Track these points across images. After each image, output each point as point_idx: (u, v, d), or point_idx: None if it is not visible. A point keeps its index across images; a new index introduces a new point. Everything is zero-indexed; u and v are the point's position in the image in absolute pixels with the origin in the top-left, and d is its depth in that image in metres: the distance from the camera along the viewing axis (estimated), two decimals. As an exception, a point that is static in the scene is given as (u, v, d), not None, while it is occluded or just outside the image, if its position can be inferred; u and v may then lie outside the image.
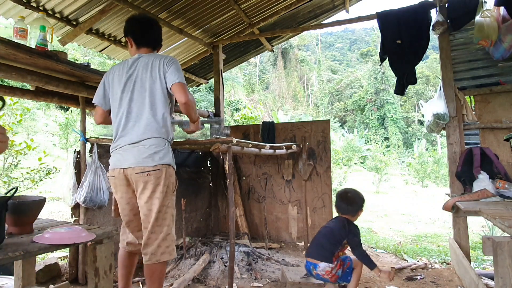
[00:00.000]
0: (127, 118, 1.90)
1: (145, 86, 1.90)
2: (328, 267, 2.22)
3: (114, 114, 1.97)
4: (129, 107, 1.91)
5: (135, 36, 2.02)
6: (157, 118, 1.89)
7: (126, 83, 1.93)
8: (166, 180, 1.87)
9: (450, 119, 3.20)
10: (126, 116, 1.90)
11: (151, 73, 1.90)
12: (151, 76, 1.90)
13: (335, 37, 59.98)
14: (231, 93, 19.30)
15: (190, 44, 4.37)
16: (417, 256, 3.90)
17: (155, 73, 1.90)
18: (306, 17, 4.50)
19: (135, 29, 2.02)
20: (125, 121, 1.90)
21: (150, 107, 1.89)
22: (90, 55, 15.53)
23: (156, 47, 2.07)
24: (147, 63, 1.92)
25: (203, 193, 4.31)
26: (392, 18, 3.36)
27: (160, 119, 1.90)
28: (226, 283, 2.73)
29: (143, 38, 2.01)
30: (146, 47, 2.02)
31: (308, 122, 4.21)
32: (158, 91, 1.90)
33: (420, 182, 11.55)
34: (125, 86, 1.93)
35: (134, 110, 1.90)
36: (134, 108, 1.90)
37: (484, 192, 2.60)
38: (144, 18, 2.10)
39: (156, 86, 1.90)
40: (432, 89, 23.04)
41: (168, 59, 1.93)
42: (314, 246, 2.33)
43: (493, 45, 2.96)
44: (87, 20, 3.13)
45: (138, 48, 2.02)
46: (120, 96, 1.93)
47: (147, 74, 1.90)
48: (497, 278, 1.52)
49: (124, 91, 1.93)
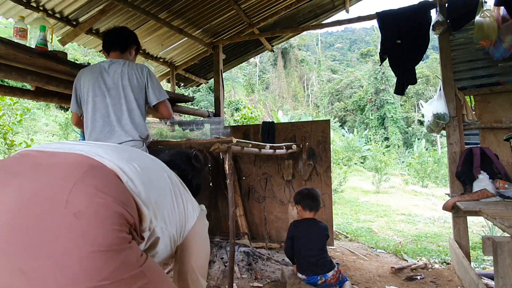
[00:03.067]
0: (105, 122, 1.95)
1: (122, 93, 1.96)
2: (334, 271, 2.31)
3: (88, 117, 2.00)
4: (107, 112, 1.95)
5: (103, 44, 2.15)
6: (135, 123, 1.96)
7: (100, 88, 1.97)
8: None
9: (450, 119, 3.20)
10: (103, 121, 1.95)
11: (129, 81, 1.97)
12: (129, 84, 1.97)
13: (335, 37, 60.00)
14: (231, 93, 19.31)
15: (190, 44, 4.37)
16: (417, 256, 3.90)
17: (132, 82, 1.98)
18: (306, 17, 4.50)
19: (103, 39, 2.16)
20: (102, 126, 1.94)
21: (128, 113, 1.96)
22: (90, 55, 15.53)
23: (123, 50, 2.11)
24: (122, 70, 1.98)
25: (203, 193, 4.30)
26: (392, 18, 3.36)
27: (138, 123, 1.98)
28: (226, 283, 2.73)
29: (109, 43, 2.12)
30: (113, 51, 2.10)
31: (308, 122, 4.21)
32: (136, 98, 1.98)
33: (420, 182, 11.54)
34: (99, 90, 1.97)
35: (111, 114, 1.95)
36: (111, 113, 1.95)
37: (484, 192, 2.61)
38: (111, 29, 2.21)
39: (134, 93, 1.98)
40: (432, 89, 23.05)
41: (144, 69, 2.03)
42: (315, 264, 2.31)
43: (493, 45, 2.96)
44: (87, 20, 3.14)
45: (108, 54, 2.12)
46: (94, 100, 1.98)
47: (125, 82, 1.97)
48: (497, 278, 1.52)
49: (97, 95, 1.97)
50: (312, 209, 2.44)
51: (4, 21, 14.25)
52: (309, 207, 2.44)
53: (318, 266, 2.29)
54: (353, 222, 6.21)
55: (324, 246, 2.35)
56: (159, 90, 2.05)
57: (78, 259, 0.64)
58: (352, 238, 4.79)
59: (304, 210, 2.45)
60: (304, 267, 2.34)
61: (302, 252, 2.35)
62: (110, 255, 0.68)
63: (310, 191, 2.51)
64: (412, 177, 12.37)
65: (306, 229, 2.38)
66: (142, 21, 3.48)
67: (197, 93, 16.48)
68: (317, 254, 2.30)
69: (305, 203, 2.45)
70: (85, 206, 0.68)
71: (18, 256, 0.63)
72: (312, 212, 2.44)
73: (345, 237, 4.85)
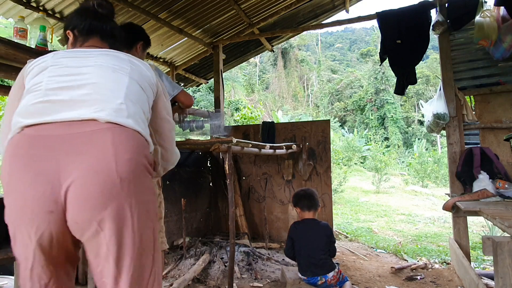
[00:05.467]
0: None
1: None
2: (335, 272, 2.31)
3: None
4: None
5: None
6: None
7: None
8: None
9: (450, 119, 3.20)
10: None
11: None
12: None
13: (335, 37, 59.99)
14: (231, 93, 19.30)
15: (190, 44, 4.37)
16: (417, 256, 3.90)
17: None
18: (306, 17, 4.50)
19: None
20: None
21: None
22: (90, 55, 15.52)
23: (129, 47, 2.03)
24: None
25: (203, 193, 4.31)
26: (392, 18, 3.36)
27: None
28: (226, 283, 2.73)
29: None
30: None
31: (308, 122, 4.21)
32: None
33: (420, 182, 11.53)
34: None
35: None
36: None
37: (484, 192, 2.61)
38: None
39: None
40: (432, 89, 23.03)
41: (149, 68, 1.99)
42: (315, 264, 2.31)
43: (493, 45, 2.96)
44: (87, 20, 3.13)
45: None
46: None
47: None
48: (497, 278, 1.52)
49: None
50: (310, 208, 2.43)
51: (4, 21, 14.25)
52: (307, 207, 2.44)
53: (318, 267, 2.29)
54: (353, 222, 6.22)
55: (325, 247, 2.33)
56: (170, 85, 2.01)
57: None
58: (352, 238, 4.79)
59: (303, 211, 2.45)
60: (304, 267, 2.34)
61: (302, 253, 2.35)
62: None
63: (305, 191, 2.52)
64: (412, 177, 12.36)
65: (306, 230, 2.38)
66: (142, 21, 3.48)
67: (197, 93, 16.48)
68: (317, 255, 2.30)
69: (303, 203, 2.46)
70: (127, 172, 0.93)
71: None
72: (311, 211, 2.43)
73: (345, 237, 4.85)
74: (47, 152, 0.90)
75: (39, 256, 0.91)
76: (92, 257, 0.94)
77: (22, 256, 0.93)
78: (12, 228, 0.93)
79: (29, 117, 0.95)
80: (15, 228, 0.93)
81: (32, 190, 0.88)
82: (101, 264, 0.93)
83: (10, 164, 0.92)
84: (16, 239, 0.94)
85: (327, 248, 2.35)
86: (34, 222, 0.89)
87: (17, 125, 0.95)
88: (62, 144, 0.91)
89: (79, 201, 0.89)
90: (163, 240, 1.94)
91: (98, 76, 1.04)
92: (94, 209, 0.89)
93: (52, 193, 0.88)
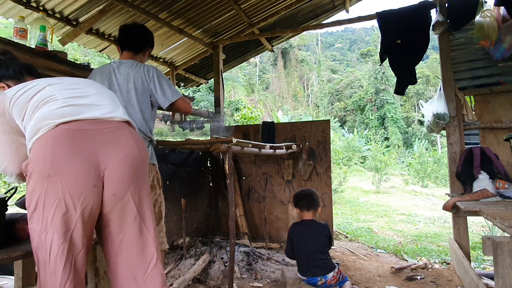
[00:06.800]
0: None
1: (126, 96, 1.91)
2: (334, 272, 2.30)
3: None
4: None
5: (119, 38, 2.07)
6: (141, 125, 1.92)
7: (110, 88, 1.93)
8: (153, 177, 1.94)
9: (450, 119, 3.20)
10: None
11: (134, 84, 1.91)
12: (133, 87, 1.91)
13: (335, 37, 59.97)
14: (231, 93, 19.29)
15: (190, 44, 4.37)
16: (417, 256, 3.90)
17: (137, 84, 1.91)
18: (306, 17, 4.50)
19: (120, 33, 2.07)
20: None
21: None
22: (90, 55, 15.52)
23: (137, 51, 2.06)
24: (128, 73, 1.92)
25: (203, 193, 4.31)
26: (392, 18, 3.36)
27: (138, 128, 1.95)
28: (226, 283, 2.73)
29: (125, 41, 2.04)
30: (127, 50, 2.03)
31: (308, 122, 4.21)
32: (139, 101, 1.92)
33: (420, 182, 11.52)
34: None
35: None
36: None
37: (484, 192, 2.61)
38: (130, 24, 2.12)
39: (138, 97, 1.92)
40: (432, 89, 23.02)
41: (151, 71, 1.95)
42: (315, 265, 2.31)
43: (493, 45, 2.96)
44: (87, 20, 3.13)
45: (121, 52, 2.06)
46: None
47: (129, 85, 1.91)
48: (497, 278, 1.52)
49: None
50: (309, 208, 2.43)
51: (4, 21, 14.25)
52: (306, 207, 2.43)
53: (318, 267, 2.29)
54: (353, 222, 6.22)
55: (324, 247, 2.34)
56: (170, 90, 1.94)
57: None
58: (352, 238, 4.79)
59: (302, 211, 2.45)
60: (304, 268, 2.34)
61: (301, 253, 2.36)
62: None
63: (304, 192, 2.52)
64: (412, 177, 12.36)
65: (305, 231, 2.38)
66: (142, 21, 3.47)
67: (197, 93, 16.46)
68: (317, 255, 2.30)
69: (302, 204, 2.45)
70: (145, 155, 1.32)
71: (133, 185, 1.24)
72: (310, 211, 2.43)
73: (345, 237, 4.86)
74: (87, 142, 1.17)
75: (79, 225, 1.12)
76: (115, 228, 1.21)
77: (59, 226, 1.09)
78: (52, 204, 1.10)
79: (61, 117, 1.18)
80: (59, 202, 1.10)
81: (81, 169, 1.13)
82: (123, 232, 1.21)
83: (53, 152, 1.12)
84: (54, 214, 1.09)
85: (326, 249, 2.35)
86: (82, 194, 1.12)
87: (49, 125, 1.16)
88: (96, 136, 1.19)
89: (118, 177, 1.19)
90: (163, 240, 1.94)
91: (92, 89, 1.37)
92: (129, 182, 1.21)
93: (95, 171, 1.15)
